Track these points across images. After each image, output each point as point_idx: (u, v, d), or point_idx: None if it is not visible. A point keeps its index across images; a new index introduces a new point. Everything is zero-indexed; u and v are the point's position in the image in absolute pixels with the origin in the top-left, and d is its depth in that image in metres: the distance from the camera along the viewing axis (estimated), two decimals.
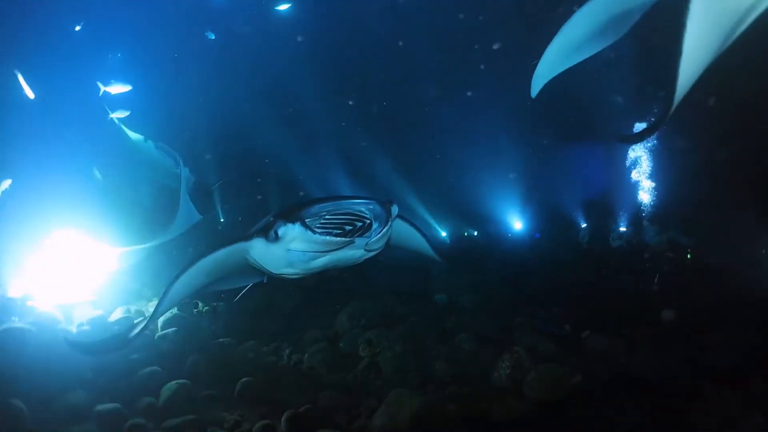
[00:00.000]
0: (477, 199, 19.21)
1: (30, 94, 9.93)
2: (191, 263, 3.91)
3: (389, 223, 3.51)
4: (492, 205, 19.10)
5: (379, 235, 3.49)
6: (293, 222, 3.38)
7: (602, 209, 14.93)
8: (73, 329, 7.00)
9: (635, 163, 15.13)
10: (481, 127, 18.95)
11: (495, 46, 14.99)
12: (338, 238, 3.40)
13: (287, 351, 7.39)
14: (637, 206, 14.34)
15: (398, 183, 17.99)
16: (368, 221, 3.52)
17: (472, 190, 19.32)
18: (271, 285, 9.68)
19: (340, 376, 6.72)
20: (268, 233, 3.57)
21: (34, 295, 7.42)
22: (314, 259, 3.58)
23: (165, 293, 3.94)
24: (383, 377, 6.65)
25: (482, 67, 16.39)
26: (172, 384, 5.52)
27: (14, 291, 7.39)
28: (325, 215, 3.52)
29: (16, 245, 7.90)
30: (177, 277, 3.91)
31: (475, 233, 19.53)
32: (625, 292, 9.52)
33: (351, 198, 3.48)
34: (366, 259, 3.87)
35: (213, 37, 13.17)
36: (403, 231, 4.87)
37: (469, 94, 17.60)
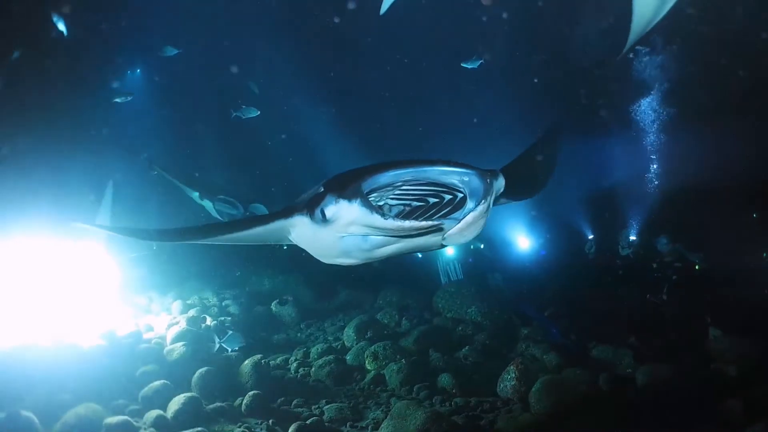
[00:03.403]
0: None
1: None
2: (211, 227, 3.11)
3: (488, 203, 2.37)
4: (499, 218, 19.11)
5: (473, 219, 2.34)
6: (350, 199, 2.32)
7: (609, 218, 14.86)
8: (85, 344, 7.08)
9: (645, 170, 15.05)
10: (488, 141, 19.02)
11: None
12: (418, 222, 2.29)
13: (294, 364, 7.43)
14: (646, 215, 14.25)
15: None
16: (461, 195, 2.47)
17: None
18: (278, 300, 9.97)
19: (346, 389, 6.77)
20: (312, 211, 2.54)
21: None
22: (379, 247, 2.57)
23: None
24: (389, 389, 6.68)
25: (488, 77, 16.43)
26: (181, 397, 5.56)
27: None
28: (399, 186, 2.47)
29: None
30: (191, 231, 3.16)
31: (482, 246, 19.53)
32: (631, 302, 9.48)
33: (438, 163, 2.34)
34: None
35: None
36: None
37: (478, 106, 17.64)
